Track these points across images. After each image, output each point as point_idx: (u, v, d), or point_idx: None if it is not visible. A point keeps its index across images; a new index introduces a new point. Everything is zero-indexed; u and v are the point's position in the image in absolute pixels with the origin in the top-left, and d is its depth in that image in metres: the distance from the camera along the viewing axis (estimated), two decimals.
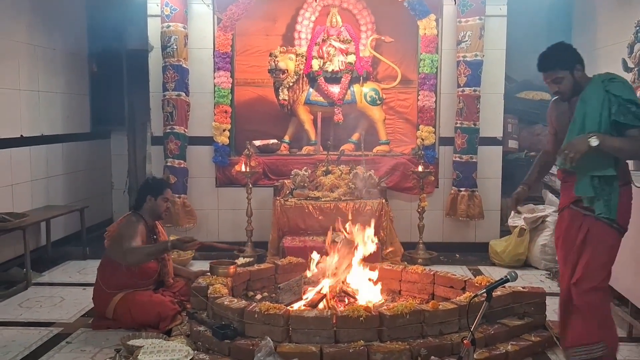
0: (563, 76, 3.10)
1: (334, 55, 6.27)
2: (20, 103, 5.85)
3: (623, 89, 2.99)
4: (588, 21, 6.37)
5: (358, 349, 3.27)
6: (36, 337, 3.97)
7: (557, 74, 3.11)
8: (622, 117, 2.95)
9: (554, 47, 3.18)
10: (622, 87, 3.00)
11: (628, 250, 3.79)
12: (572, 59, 3.12)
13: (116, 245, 4.10)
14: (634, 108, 2.94)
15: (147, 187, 4.33)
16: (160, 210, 4.30)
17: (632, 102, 2.95)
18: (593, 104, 3.02)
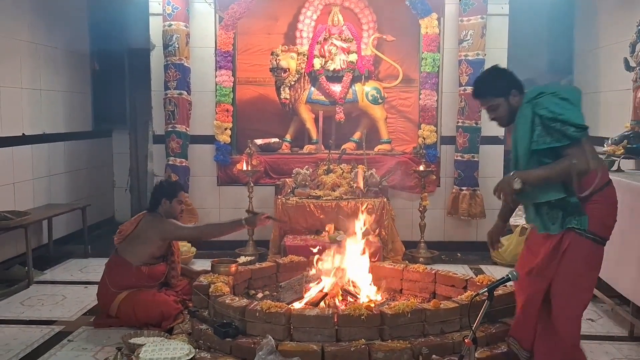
0: (498, 103, 2.96)
1: (336, 54, 6.26)
2: (22, 101, 5.86)
3: (548, 104, 2.78)
4: (590, 20, 6.37)
5: (359, 348, 3.27)
6: (38, 335, 3.98)
7: (492, 101, 2.98)
8: (544, 141, 2.75)
9: (487, 74, 3.07)
10: (547, 102, 2.79)
11: (629, 250, 3.80)
12: (507, 85, 2.95)
13: (135, 243, 4.14)
14: (559, 125, 2.72)
15: (162, 190, 4.34)
16: (176, 212, 4.33)
17: (556, 119, 2.73)
18: (522, 130, 2.86)
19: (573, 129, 2.74)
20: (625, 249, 3.82)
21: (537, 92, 2.88)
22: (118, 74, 7.73)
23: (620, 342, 3.90)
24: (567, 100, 2.82)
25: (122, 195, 7.89)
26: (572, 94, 2.91)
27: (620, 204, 3.93)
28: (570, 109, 2.79)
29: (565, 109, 2.78)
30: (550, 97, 2.82)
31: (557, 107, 2.78)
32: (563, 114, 2.75)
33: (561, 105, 2.79)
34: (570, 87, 3.00)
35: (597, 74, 6.16)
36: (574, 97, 2.88)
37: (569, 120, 2.74)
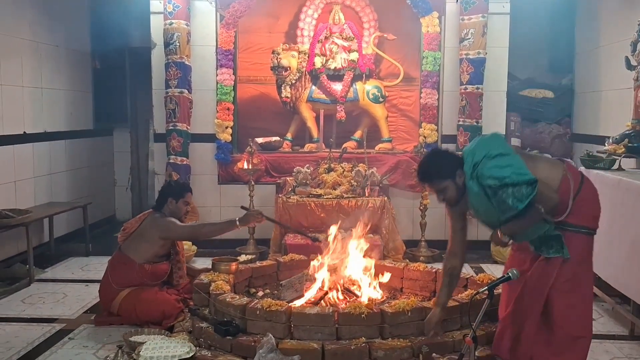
0: (446, 186, 2.96)
1: (337, 52, 6.27)
2: (24, 100, 5.87)
3: (489, 172, 2.76)
4: (591, 19, 6.36)
5: (360, 346, 3.27)
6: (39, 333, 3.99)
7: (438, 185, 2.98)
8: (508, 209, 2.74)
9: (429, 159, 3.06)
10: (487, 171, 2.77)
11: (630, 249, 3.79)
12: (450, 168, 2.93)
13: (138, 241, 4.15)
14: (511, 190, 2.70)
15: (169, 189, 4.35)
16: (181, 212, 4.33)
17: (506, 185, 2.71)
18: (482, 205, 2.87)
19: (525, 187, 2.72)
20: (627, 248, 3.82)
21: (470, 165, 2.86)
22: (119, 72, 7.73)
23: (621, 341, 3.90)
24: (499, 155, 2.81)
25: (123, 194, 7.90)
26: (497, 143, 2.90)
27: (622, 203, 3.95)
28: (509, 165, 2.77)
29: (505, 168, 2.76)
30: (486, 164, 2.80)
31: (498, 171, 2.76)
32: (508, 176, 2.72)
33: (500, 165, 2.77)
34: (490, 136, 2.98)
35: (598, 72, 6.16)
36: (501, 146, 2.87)
37: (517, 181, 2.72)
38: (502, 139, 2.99)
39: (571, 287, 2.93)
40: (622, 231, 3.91)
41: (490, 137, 2.98)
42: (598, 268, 4.27)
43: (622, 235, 3.90)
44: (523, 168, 2.76)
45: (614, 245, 3.99)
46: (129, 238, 4.20)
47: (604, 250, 4.09)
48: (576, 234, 2.90)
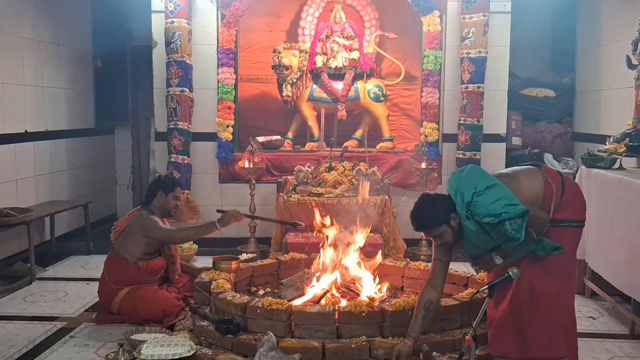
0: (442, 231, 3.01)
1: (338, 51, 6.27)
2: (25, 98, 5.87)
3: (483, 210, 2.81)
4: (592, 18, 6.36)
5: (360, 345, 3.27)
6: (40, 331, 4.00)
7: (435, 232, 3.03)
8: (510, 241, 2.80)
9: (421, 208, 3.07)
10: (481, 209, 2.82)
11: (630, 248, 3.79)
12: (443, 214, 2.99)
13: (132, 239, 4.14)
14: (509, 224, 2.76)
15: (160, 183, 4.36)
16: (170, 207, 4.33)
17: (503, 220, 2.76)
18: (482, 241, 2.89)
19: (519, 219, 2.78)
20: (628, 246, 3.82)
21: (463, 206, 2.90)
22: (120, 71, 7.74)
23: (621, 340, 3.90)
24: (488, 189, 2.86)
25: (124, 192, 7.91)
26: (479, 176, 2.95)
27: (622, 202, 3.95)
28: (501, 197, 2.82)
29: (498, 201, 2.81)
30: (479, 201, 2.84)
31: (492, 207, 2.80)
32: (504, 211, 2.78)
33: (492, 200, 2.82)
34: (468, 170, 3.06)
35: (599, 72, 6.15)
36: (484, 179, 2.92)
37: (513, 215, 2.77)
38: (480, 170, 3.05)
39: (560, 276, 3.01)
40: (622, 230, 3.91)
41: (471, 171, 3.02)
42: (598, 267, 4.30)
43: (623, 234, 3.90)
44: (513, 198, 2.83)
45: (614, 244, 3.99)
46: (120, 236, 4.20)
47: (605, 249, 4.10)
48: (568, 228, 3.02)
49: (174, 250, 4.35)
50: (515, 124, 6.71)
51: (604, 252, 4.12)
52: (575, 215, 3.04)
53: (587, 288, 4.67)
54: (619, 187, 4.01)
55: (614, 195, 4.04)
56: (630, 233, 3.81)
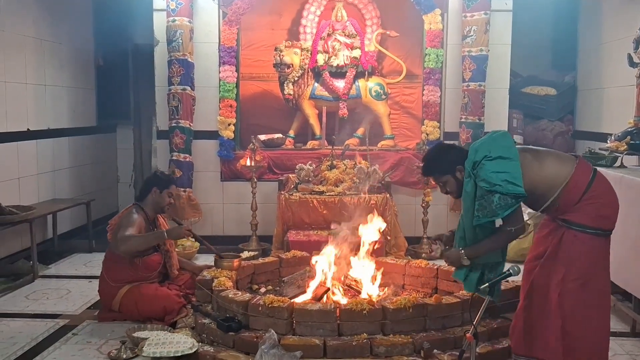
0: (446, 180, 3.05)
1: (339, 49, 6.27)
2: (27, 97, 5.89)
3: (485, 174, 2.81)
4: (594, 16, 6.35)
5: (361, 342, 3.29)
6: (43, 329, 4.01)
7: (439, 179, 3.07)
8: (484, 215, 2.81)
9: (433, 153, 3.12)
10: (483, 173, 2.82)
11: (632, 246, 3.80)
12: (451, 163, 3.01)
13: (114, 237, 4.13)
14: (497, 198, 2.77)
15: (155, 179, 4.36)
16: (163, 203, 4.33)
17: (495, 192, 2.77)
18: (466, 204, 2.93)
19: (511, 198, 2.78)
20: (629, 245, 3.83)
21: (471, 163, 2.91)
22: (122, 69, 7.75)
23: (622, 338, 3.90)
24: (499, 158, 2.84)
25: (126, 190, 7.91)
26: (502, 144, 2.91)
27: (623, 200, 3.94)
28: (506, 171, 2.80)
29: (501, 174, 2.80)
30: (485, 165, 2.84)
31: (494, 176, 2.80)
32: (499, 184, 2.77)
33: (497, 169, 2.80)
34: (499, 135, 3.02)
35: (601, 70, 6.15)
36: (504, 148, 2.88)
37: (506, 192, 2.77)
38: (509, 139, 2.98)
39: (580, 286, 2.90)
40: (624, 228, 3.89)
41: (498, 136, 2.98)
42: None
43: (624, 232, 3.89)
44: (518, 178, 2.80)
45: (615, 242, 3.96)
46: (112, 234, 4.20)
47: None
48: (580, 233, 2.89)
49: (169, 246, 4.34)
50: (517, 122, 6.72)
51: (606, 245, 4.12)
52: (587, 220, 2.88)
53: None
54: (620, 185, 4.01)
55: None
56: (631, 231, 3.81)
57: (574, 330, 2.91)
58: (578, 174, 2.90)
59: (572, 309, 2.90)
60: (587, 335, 2.91)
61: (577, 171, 2.90)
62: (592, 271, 2.92)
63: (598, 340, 2.95)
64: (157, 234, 4.21)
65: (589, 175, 2.92)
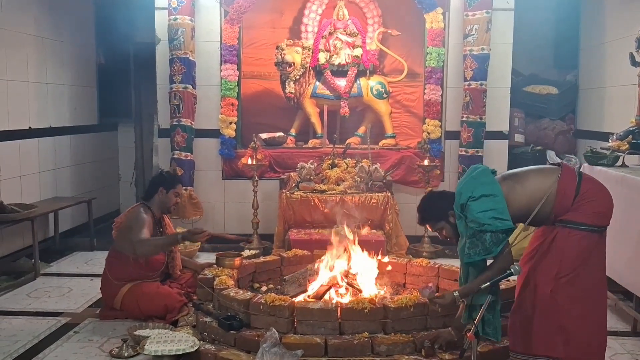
0: (441, 226, 3.14)
1: (341, 48, 6.27)
2: (29, 95, 5.89)
3: (472, 215, 2.88)
4: (596, 15, 6.35)
5: (362, 341, 3.29)
6: (44, 327, 4.02)
7: (435, 226, 3.16)
8: (476, 253, 2.88)
9: (424, 203, 3.22)
10: (471, 214, 2.89)
11: (634, 245, 3.80)
12: (442, 210, 3.09)
13: (123, 237, 4.12)
14: (489, 237, 2.83)
15: (161, 179, 4.35)
16: (170, 203, 4.33)
17: (485, 231, 2.84)
18: (462, 242, 2.98)
19: (502, 235, 2.84)
20: (631, 244, 3.83)
21: (458, 206, 2.97)
22: (123, 67, 7.75)
23: (623, 337, 3.91)
24: (483, 197, 2.89)
25: (128, 189, 7.93)
26: (483, 181, 2.96)
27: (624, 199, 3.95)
28: (492, 209, 2.86)
29: (488, 212, 2.86)
30: (471, 206, 2.90)
31: (481, 216, 2.86)
32: (489, 223, 2.83)
33: (483, 209, 2.86)
34: (478, 173, 3.05)
35: (603, 69, 6.15)
36: (486, 186, 2.93)
37: (496, 229, 2.83)
38: (488, 175, 3.03)
39: (571, 282, 2.93)
40: (625, 227, 3.91)
41: (478, 174, 3.03)
42: None
43: (626, 231, 3.90)
44: (504, 212, 2.86)
45: (618, 242, 3.99)
46: (119, 233, 4.19)
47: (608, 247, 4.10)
48: (574, 230, 2.93)
49: None
50: (518, 121, 6.71)
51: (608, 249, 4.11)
52: (583, 218, 2.92)
53: None
54: (621, 185, 4.02)
55: (617, 192, 4.01)
56: (633, 230, 3.81)
57: (570, 325, 2.94)
58: (563, 181, 2.95)
59: (566, 305, 2.94)
60: (583, 331, 2.95)
61: (562, 179, 2.95)
62: (585, 267, 2.96)
63: (595, 335, 2.99)
64: (172, 238, 4.20)
65: (575, 180, 2.97)
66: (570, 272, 2.93)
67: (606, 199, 3.00)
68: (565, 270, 2.93)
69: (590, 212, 2.93)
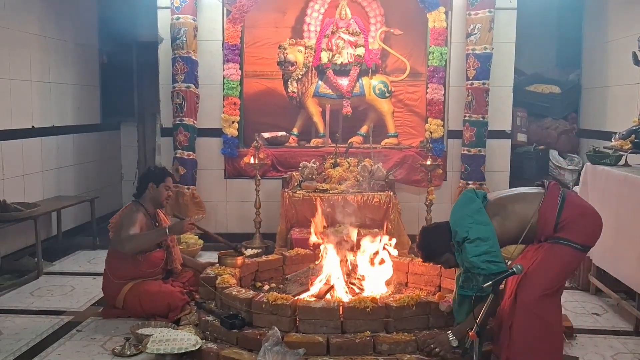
0: (446, 258, 3.25)
1: (343, 47, 6.27)
2: (32, 94, 5.91)
3: (469, 259, 2.98)
4: (599, 14, 6.33)
5: (364, 340, 3.29)
6: (47, 325, 4.03)
7: (439, 260, 3.29)
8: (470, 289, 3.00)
9: (423, 241, 3.30)
10: (466, 256, 3.00)
11: (637, 244, 3.79)
12: (443, 245, 3.20)
13: (117, 235, 4.14)
14: (482, 279, 2.91)
15: (149, 174, 4.36)
16: (162, 197, 4.33)
17: (480, 274, 2.94)
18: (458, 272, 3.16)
19: (494, 276, 2.88)
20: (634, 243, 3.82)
21: (455, 243, 3.10)
22: (126, 67, 7.78)
23: (625, 337, 3.90)
24: (478, 239, 2.98)
25: (130, 188, 7.89)
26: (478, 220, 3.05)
27: (627, 199, 3.95)
28: (486, 252, 2.95)
29: (482, 255, 2.95)
30: (467, 248, 3.00)
31: (475, 260, 2.96)
32: (483, 268, 2.93)
33: (477, 253, 2.96)
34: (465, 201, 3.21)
35: (606, 68, 6.13)
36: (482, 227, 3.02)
37: (490, 272, 2.91)
38: (483, 215, 3.08)
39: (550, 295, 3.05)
40: (628, 226, 3.91)
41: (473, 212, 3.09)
42: (604, 263, 4.30)
43: (629, 230, 3.90)
44: (498, 255, 2.97)
45: (621, 241, 3.99)
46: (114, 231, 4.21)
47: (611, 246, 4.10)
48: (565, 247, 3.03)
49: (170, 241, 4.34)
50: (521, 121, 6.70)
51: (610, 248, 4.11)
52: (577, 238, 3.01)
53: (591, 285, 4.67)
54: (624, 184, 4.01)
55: (620, 192, 4.04)
56: (636, 230, 3.81)
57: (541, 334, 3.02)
58: (544, 209, 3.05)
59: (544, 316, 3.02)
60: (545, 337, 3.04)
61: (542, 207, 3.06)
62: (563, 282, 3.13)
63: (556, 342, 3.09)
64: (159, 231, 4.21)
65: (556, 208, 3.04)
66: (552, 286, 3.03)
67: (589, 223, 3.08)
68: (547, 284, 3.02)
69: (583, 232, 3.04)
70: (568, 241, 3.01)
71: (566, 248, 3.02)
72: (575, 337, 3.80)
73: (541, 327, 3.02)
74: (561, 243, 3.02)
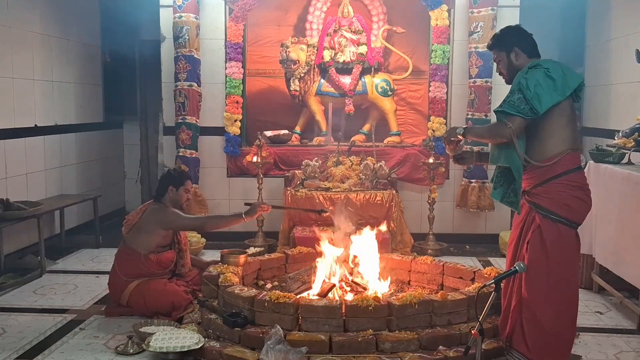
0: (500, 58, 3.13)
1: (345, 46, 6.26)
2: (35, 93, 5.92)
3: (531, 76, 2.89)
4: (602, 12, 6.31)
5: (367, 338, 3.29)
6: (50, 323, 4.04)
7: (496, 54, 3.16)
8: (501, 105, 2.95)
9: (505, 28, 3.21)
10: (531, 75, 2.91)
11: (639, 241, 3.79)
12: (510, 41, 3.09)
13: (141, 233, 4.17)
14: (521, 99, 2.87)
15: (169, 177, 4.38)
16: (182, 200, 4.36)
17: (522, 92, 2.87)
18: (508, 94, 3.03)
19: (528, 108, 2.86)
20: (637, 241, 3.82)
21: (534, 63, 2.98)
22: (129, 65, 7.78)
23: (628, 335, 3.90)
24: (550, 79, 2.90)
25: (133, 186, 7.96)
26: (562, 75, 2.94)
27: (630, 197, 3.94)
28: (545, 90, 2.87)
29: (541, 87, 2.87)
30: (538, 72, 2.91)
31: (534, 83, 2.87)
32: (532, 91, 2.85)
33: (540, 82, 2.88)
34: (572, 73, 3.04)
35: (609, 66, 6.12)
36: (560, 80, 2.92)
37: (531, 99, 2.85)
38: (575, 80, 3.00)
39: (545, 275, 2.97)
40: (631, 224, 3.90)
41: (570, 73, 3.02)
42: (607, 261, 4.29)
43: (632, 228, 3.89)
44: (547, 100, 2.86)
45: (624, 239, 3.99)
46: (132, 230, 4.23)
47: (613, 244, 4.10)
48: (545, 219, 2.97)
49: (184, 245, 4.39)
50: None
51: (613, 246, 4.11)
52: (553, 207, 2.95)
53: (594, 283, 4.67)
54: (627, 182, 4.00)
55: (622, 190, 4.03)
56: (639, 227, 3.80)
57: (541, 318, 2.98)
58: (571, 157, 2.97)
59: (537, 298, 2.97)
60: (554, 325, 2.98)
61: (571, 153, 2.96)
62: (558, 261, 2.98)
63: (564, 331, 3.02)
64: (236, 215, 4.24)
65: (578, 163, 3.01)
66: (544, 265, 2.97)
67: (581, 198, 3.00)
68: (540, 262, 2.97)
69: (561, 202, 2.95)
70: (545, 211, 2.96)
71: (545, 220, 2.96)
72: (578, 336, 3.79)
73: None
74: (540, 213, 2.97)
